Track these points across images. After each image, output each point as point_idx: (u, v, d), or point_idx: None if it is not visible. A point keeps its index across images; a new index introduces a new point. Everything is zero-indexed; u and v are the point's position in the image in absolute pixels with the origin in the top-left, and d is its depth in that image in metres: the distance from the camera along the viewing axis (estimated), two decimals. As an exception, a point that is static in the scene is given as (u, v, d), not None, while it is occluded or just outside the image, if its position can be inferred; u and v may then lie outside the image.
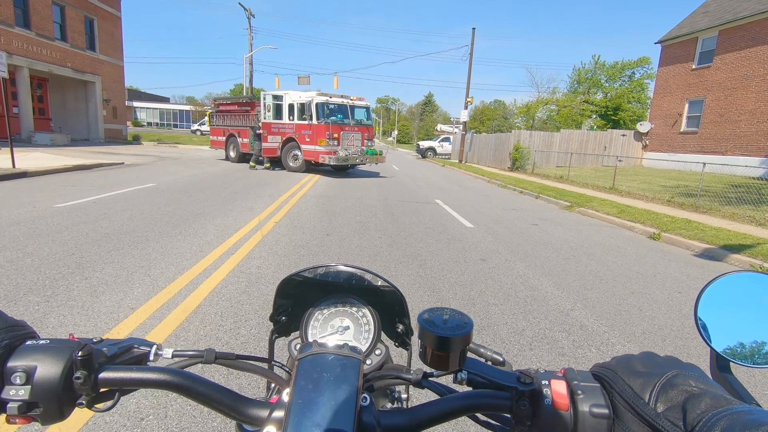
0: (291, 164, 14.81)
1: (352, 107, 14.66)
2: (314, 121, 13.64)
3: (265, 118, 15.42)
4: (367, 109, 15.46)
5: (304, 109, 13.96)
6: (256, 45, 31.21)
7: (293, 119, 14.40)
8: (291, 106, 14.42)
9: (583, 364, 2.78)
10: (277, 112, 14.95)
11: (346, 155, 13.89)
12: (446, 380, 0.54)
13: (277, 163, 15.88)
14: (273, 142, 15.23)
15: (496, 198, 11.51)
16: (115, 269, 3.91)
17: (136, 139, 26.64)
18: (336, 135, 13.73)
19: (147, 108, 56.89)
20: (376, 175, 15.95)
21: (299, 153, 14.44)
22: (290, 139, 14.68)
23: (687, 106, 20.62)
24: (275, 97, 15.02)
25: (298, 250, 4.95)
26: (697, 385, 0.40)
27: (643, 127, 22.86)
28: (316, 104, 13.59)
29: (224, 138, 17.76)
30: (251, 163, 15.42)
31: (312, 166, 14.73)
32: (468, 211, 8.79)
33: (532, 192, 12.45)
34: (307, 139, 13.95)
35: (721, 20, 18.65)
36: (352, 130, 14.36)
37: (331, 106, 14.00)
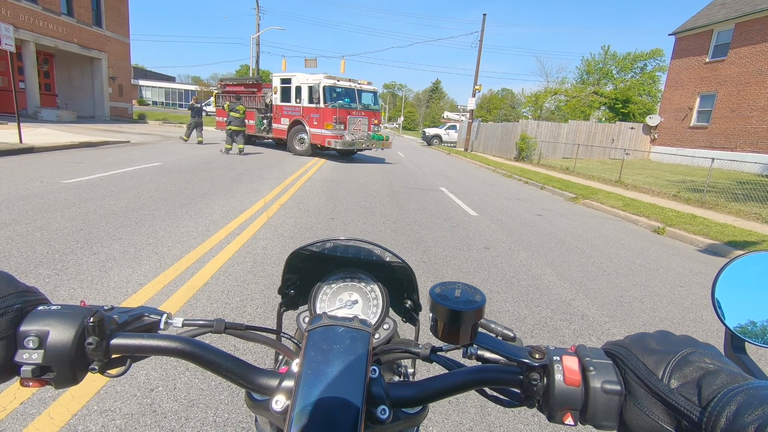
0: (297, 147, 14.72)
1: (360, 91, 14.52)
2: (321, 105, 13.53)
3: (274, 101, 15.33)
4: (375, 93, 15.29)
5: (311, 91, 13.84)
6: (264, 25, 30.83)
7: (300, 102, 14.30)
8: (298, 89, 14.30)
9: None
10: (285, 94, 14.84)
11: (353, 140, 13.79)
12: (454, 355, 0.54)
13: (282, 145, 15.83)
14: (283, 124, 15.16)
15: (501, 187, 11.47)
16: (123, 246, 3.96)
17: (141, 118, 26.56)
18: (343, 119, 13.62)
19: (152, 87, 56.53)
20: (381, 161, 15.90)
21: (305, 136, 14.33)
22: (297, 122, 14.59)
23: (698, 100, 20.32)
24: (283, 80, 14.88)
25: (303, 233, 4.98)
26: (712, 362, 0.39)
27: (653, 120, 22.58)
28: (324, 87, 13.46)
29: None
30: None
31: (317, 150, 14.65)
32: (472, 199, 8.79)
33: (538, 183, 12.39)
34: (315, 123, 13.84)
35: (739, 12, 18.23)
36: (359, 114, 14.23)
37: (339, 90, 13.86)
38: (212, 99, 21.74)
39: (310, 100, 13.91)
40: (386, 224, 5.80)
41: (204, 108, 14.27)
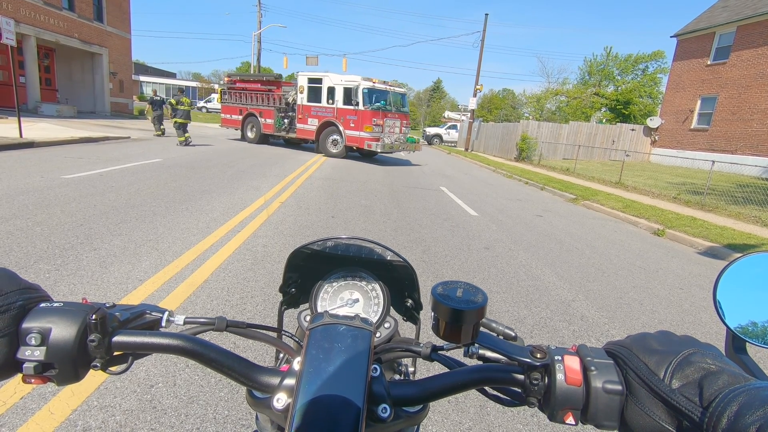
0: (331, 149, 14.47)
1: (392, 93, 14.39)
2: (360, 107, 13.34)
3: (299, 100, 15.01)
4: (404, 95, 15.16)
5: (347, 93, 13.63)
6: (265, 23, 30.80)
7: (333, 103, 14.04)
8: (331, 90, 14.02)
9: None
10: (314, 94, 14.52)
11: (391, 142, 13.75)
12: (455, 354, 0.54)
13: (295, 145, 15.67)
14: (311, 125, 14.88)
15: (501, 188, 11.48)
16: (123, 242, 3.96)
17: (142, 114, 26.51)
18: (381, 122, 13.53)
19: (153, 83, 56.37)
20: (381, 160, 15.90)
21: (340, 138, 14.11)
22: (329, 123, 14.30)
23: (699, 102, 20.32)
24: (312, 80, 14.52)
25: (304, 231, 4.98)
26: (714, 362, 0.39)
27: (653, 122, 22.59)
28: (363, 89, 13.31)
29: (240, 117, 17.25)
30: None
31: (351, 152, 14.51)
32: (473, 199, 8.79)
33: (538, 183, 12.40)
34: (352, 125, 13.62)
35: (740, 15, 18.23)
36: (393, 117, 14.12)
37: (376, 92, 13.70)
38: (216, 96, 21.57)
39: (346, 102, 13.69)
40: (387, 223, 5.80)
41: (206, 105, 14.31)
